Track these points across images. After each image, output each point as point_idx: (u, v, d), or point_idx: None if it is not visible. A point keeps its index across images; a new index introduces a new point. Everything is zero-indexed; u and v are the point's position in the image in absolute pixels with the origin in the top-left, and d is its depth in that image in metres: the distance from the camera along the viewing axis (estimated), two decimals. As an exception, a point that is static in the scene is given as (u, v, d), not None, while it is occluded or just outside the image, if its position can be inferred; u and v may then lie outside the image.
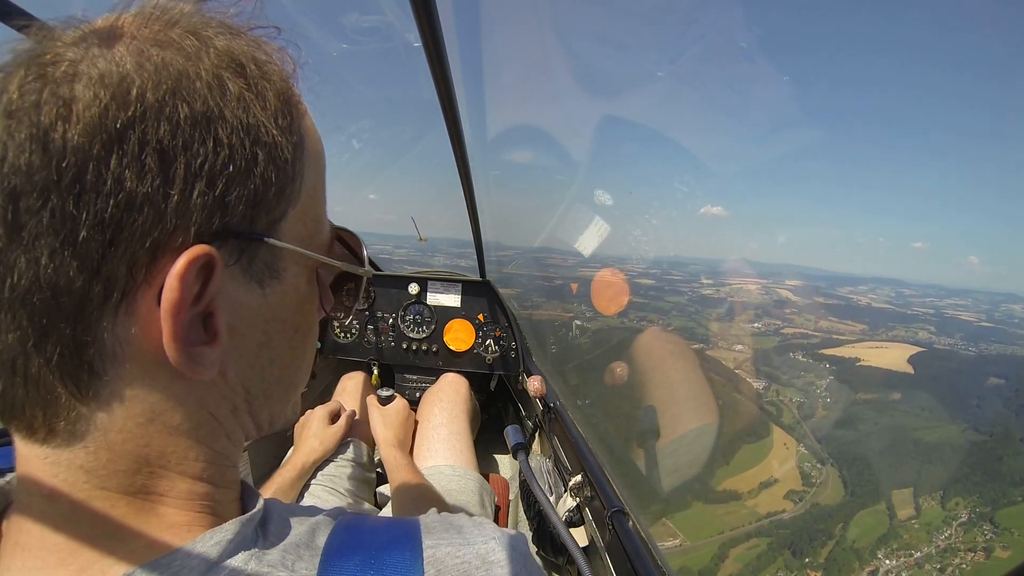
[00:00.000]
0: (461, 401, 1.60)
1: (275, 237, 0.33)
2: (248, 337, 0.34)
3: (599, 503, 1.08)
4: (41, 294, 0.27)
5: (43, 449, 0.29)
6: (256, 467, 1.57)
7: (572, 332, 12.35)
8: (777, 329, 34.91)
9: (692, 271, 41.05)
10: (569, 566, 1.31)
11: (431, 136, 2.07)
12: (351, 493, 1.27)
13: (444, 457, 1.37)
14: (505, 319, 1.95)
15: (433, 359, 1.98)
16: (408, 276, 1.98)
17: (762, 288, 45.77)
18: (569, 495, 1.22)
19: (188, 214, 0.28)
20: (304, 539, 0.35)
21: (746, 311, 38.06)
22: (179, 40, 0.30)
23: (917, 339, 34.21)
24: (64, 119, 0.26)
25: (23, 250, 0.26)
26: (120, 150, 0.26)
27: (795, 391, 27.54)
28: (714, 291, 41.53)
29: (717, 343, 32.79)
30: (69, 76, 0.27)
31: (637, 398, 2.50)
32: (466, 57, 1.09)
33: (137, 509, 0.31)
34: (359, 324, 1.99)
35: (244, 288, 0.33)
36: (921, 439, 25.23)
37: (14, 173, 0.26)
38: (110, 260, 0.27)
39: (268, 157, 0.32)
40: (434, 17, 0.65)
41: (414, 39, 0.71)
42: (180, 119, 0.28)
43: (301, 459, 1.25)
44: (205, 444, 0.34)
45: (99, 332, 0.28)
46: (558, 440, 1.45)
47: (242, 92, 0.31)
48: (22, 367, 0.28)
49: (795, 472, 23.03)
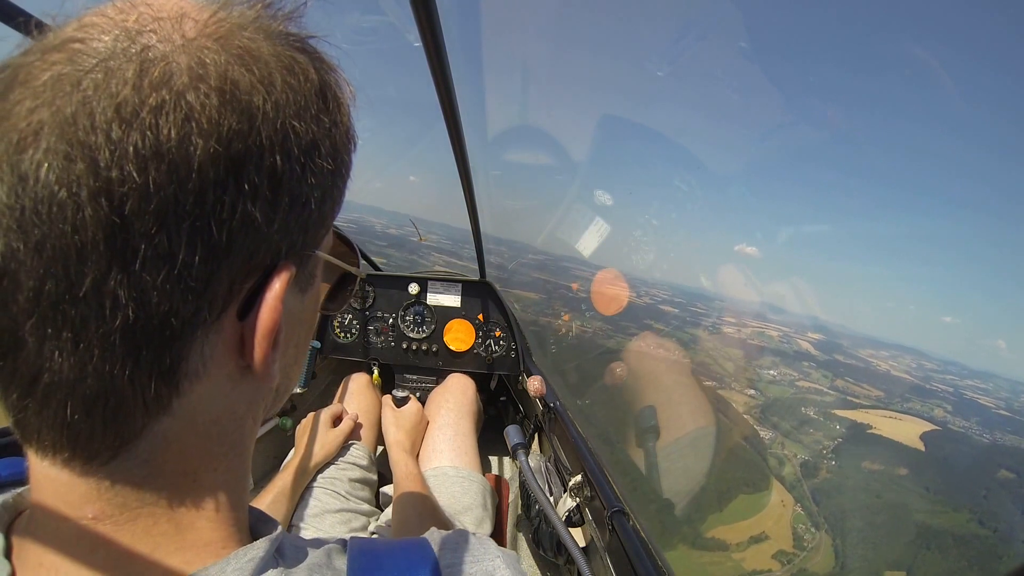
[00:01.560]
0: (468, 402, 1.60)
1: (320, 249, 0.34)
2: (290, 340, 0.35)
3: (599, 503, 1.08)
4: (147, 323, 0.25)
5: (99, 470, 0.28)
6: (256, 469, 1.57)
7: (572, 333, 12.39)
8: (792, 381, 34.37)
9: (717, 307, 40.61)
10: (569, 566, 1.31)
11: (431, 136, 2.06)
12: (352, 495, 1.27)
13: (449, 458, 1.37)
14: (505, 319, 1.95)
15: (433, 359, 1.98)
16: (408, 276, 1.98)
17: (783, 336, 45.24)
18: (569, 495, 1.22)
19: (284, 237, 0.29)
20: (323, 561, 0.35)
21: (764, 356, 37.58)
22: (279, 51, 0.28)
23: (932, 416, 33.34)
24: (193, 133, 0.24)
25: (129, 277, 0.24)
26: (240, 172, 0.25)
27: (801, 447, 26.70)
28: (735, 330, 41.36)
29: (730, 384, 32.13)
30: (194, 78, 0.24)
31: (638, 398, 2.51)
32: (466, 57, 1.09)
33: (176, 526, 0.30)
34: (359, 324, 1.99)
35: (293, 298, 0.34)
36: (923, 522, 24.23)
37: (129, 192, 0.23)
38: (214, 284, 0.26)
39: (341, 180, 0.33)
40: (434, 17, 0.65)
41: (414, 39, 0.71)
42: (292, 144, 0.27)
43: (302, 462, 1.24)
44: (240, 448, 0.34)
45: (190, 352, 0.27)
46: (558, 440, 1.45)
47: (332, 111, 0.31)
48: (107, 398, 0.26)
49: (788, 532, 22.27)
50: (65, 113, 0.22)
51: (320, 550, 0.37)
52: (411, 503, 1.11)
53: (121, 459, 0.28)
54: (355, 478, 1.31)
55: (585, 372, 6.45)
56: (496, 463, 1.96)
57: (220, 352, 0.29)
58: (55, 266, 0.23)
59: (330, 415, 1.39)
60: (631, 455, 2.08)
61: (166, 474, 0.30)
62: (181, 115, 0.23)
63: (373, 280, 1.99)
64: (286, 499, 1.17)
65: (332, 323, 1.99)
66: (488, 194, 1.74)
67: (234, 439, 0.34)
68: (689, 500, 14.53)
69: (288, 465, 1.26)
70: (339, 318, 1.99)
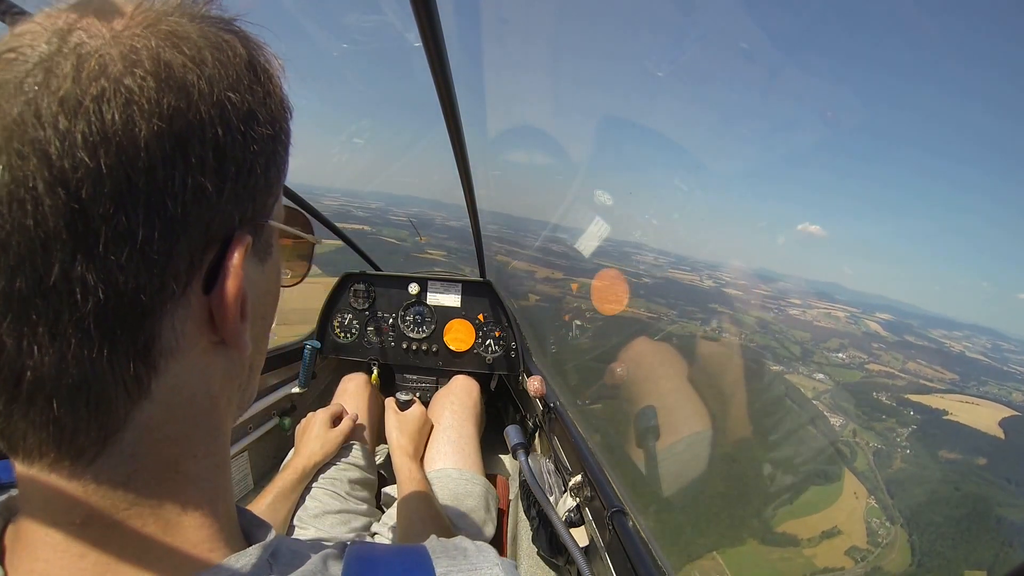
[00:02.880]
0: (472, 405, 1.60)
1: (271, 218, 0.36)
2: (257, 311, 0.36)
3: (599, 503, 1.08)
4: (118, 303, 0.25)
5: (85, 472, 0.28)
6: (256, 469, 1.57)
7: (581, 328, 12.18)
8: (862, 364, 32.81)
9: (781, 288, 38.91)
10: (569, 566, 1.31)
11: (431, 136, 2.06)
12: (352, 496, 1.27)
13: (452, 460, 1.37)
14: (505, 319, 1.95)
15: (433, 359, 1.98)
16: (408, 276, 1.98)
17: (851, 317, 43.18)
18: (569, 495, 1.22)
19: (235, 207, 0.30)
20: (318, 568, 0.35)
21: (831, 339, 35.71)
22: (205, 31, 0.30)
23: (1011, 400, 31.19)
24: (136, 115, 0.25)
25: (95, 260, 0.24)
26: (186, 147, 0.27)
27: (873, 435, 25.18)
28: (801, 312, 39.55)
29: (798, 368, 30.92)
30: (129, 64, 0.25)
31: (643, 397, 2.49)
32: (466, 57, 1.09)
33: (164, 526, 0.31)
34: (359, 324, 1.99)
35: (253, 267, 0.35)
36: (1005, 516, 21.99)
37: (83, 177, 0.24)
38: (176, 257, 0.27)
39: (282, 146, 0.34)
40: (434, 17, 0.65)
41: (414, 39, 0.71)
42: (230, 115, 0.29)
43: (302, 462, 1.24)
44: (217, 432, 0.35)
45: (162, 328, 0.28)
46: (558, 440, 1.45)
47: (263, 82, 0.32)
48: (90, 386, 0.26)
49: (861, 526, 20.76)
50: (12, 115, 0.23)
51: (317, 556, 0.36)
52: (414, 508, 1.11)
53: (106, 455, 0.28)
54: (355, 478, 1.31)
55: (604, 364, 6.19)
56: (496, 463, 1.96)
57: (191, 327, 0.30)
58: (23, 262, 0.23)
59: (329, 415, 1.39)
60: (640, 455, 2.06)
61: (149, 468, 0.30)
62: (122, 100, 0.25)
63: (373, 280, 1.99)
64: (286, 499, 1.17)
65: (332, 323, 1.99)
66: (489, 194, 1.74)
67: (211, 421, 0.34)
68: (760, 493, 13.34)
69: (288, 465, 1.26)
70: (339, 318, 1.99)
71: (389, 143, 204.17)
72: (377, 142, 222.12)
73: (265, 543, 0.34)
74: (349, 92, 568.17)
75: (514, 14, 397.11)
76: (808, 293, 45.00)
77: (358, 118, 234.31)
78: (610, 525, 0.98)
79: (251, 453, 1.55)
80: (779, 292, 37.85)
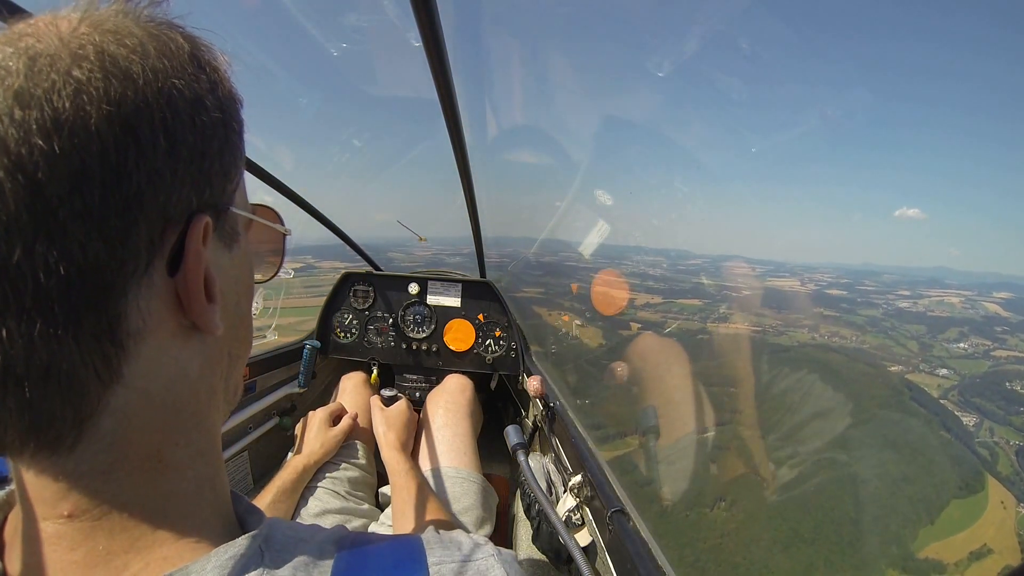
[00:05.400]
0: (466, 403, 1.60)
1: (233, 205, 0.37)
2: (228, 297, 0.37)
3: (599, 503, 1.08)
4: (80, 280, 0.26)
5: (66, 461, 0.29)
6: (256, 468, 1.57)
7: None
8: (987, 351, 29.73)
9: (887, 281, 35.04)
10: (569, 566, 1.31)
11: (431, 136, 2.05)
12: (352, 495, 1.27)
13: (448, 459, 1.37)
14: (505, 319, 1.95)
15: (433, 359, 1.98)
16: (408, 276, 1.98)
17: (966, 301, 39.39)
18: (569, 495, 1.22)
19: (191, 189, 0.31)
20: (311, 558, 0.35)
21: (949, 328, 32.78)
22: (147, 28, 0.31)
23: None
24: (85, 103, 0.26)
25: (54, 239, 0.26)
26: (136, 129, 0.28)
27: (1013, 431, 22.09)
28: (911, 303, 36.56)
29: (918, 365, 28.25)
30: (77, 58, 0.27)
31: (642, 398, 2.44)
32: (466, 57, 1.09)
33: (151, 516, 0.31)
34: (359, 324, 1.99)
35: (220, 252, 0.36)
36: None
37: (39, 161, 0.25)
38: (134, 236, 0.28)
39: (233, 133, 0.35)
40: (434, 17, 0.65)
41: (414, 39, 0.71)
42: (177, 99, 0.30)
43: (302, 461, 1.25)
44: (201, 421, 0.35)
45: (126, 308, 0.29)
46: (558, 440, 1.45)
47: (209, 73, 0.34)
48: (60, 367, 0.27)
49: (1014, 540, 18.11)
50: None
51: (310, 544, 0.37)
52: (408, 500, 1.11)
53: (85, 444, 0.29)
54: (355, 478, 1.31)
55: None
56: (496, 463, 1.96)
57: (158, 308, 0.31)
58: None
59: (329, 414, 1.39)
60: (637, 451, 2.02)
61: (130, 457, 0.30)
62: (72, 89, 0.26)
63: (373, 280, 1.99)
64: (286, 498, 1.17)
65: (333, 323, 1.99)
66: (488, 194, 1.74)
67: (193, 410, 0.34)
68: (896, 514, 11.37)
69: (288, 464, 1.26)
70: (339, 318, 1.99)
71: (390, 143, 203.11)
72: (377, 143, 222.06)
73: (255, 532, 0.34)
74: (349, 91, 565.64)
75: (514, 13, 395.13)
76: (916, 282, 41.07)
77: (358, 118, 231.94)
78: (610, 525, 0.98)
79: (251, 453, 1.55)
80: (885, 285, 34.89)
